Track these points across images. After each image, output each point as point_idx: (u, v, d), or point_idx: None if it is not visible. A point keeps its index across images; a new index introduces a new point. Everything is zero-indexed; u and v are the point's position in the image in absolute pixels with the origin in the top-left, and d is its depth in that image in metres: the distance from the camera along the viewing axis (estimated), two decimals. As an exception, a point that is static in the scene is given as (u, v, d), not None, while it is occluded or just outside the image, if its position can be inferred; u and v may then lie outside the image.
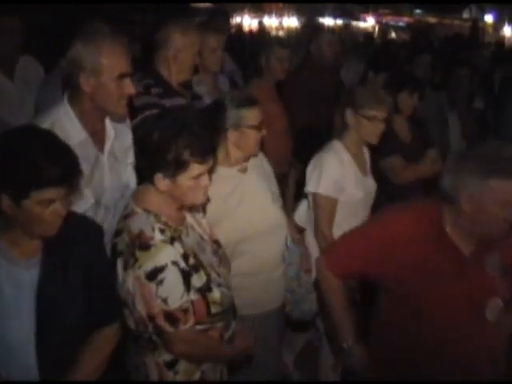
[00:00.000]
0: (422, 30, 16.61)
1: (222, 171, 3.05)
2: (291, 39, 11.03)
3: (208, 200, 2.61)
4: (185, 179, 2.35)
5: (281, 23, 22.53)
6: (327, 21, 22.56)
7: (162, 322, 2.29)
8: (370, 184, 3.78)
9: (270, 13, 22.70)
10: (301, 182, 3.94)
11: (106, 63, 2.67)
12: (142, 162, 2.43)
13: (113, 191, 2.88)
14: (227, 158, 3.10)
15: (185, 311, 2.32)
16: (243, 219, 3.06)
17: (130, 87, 2.77)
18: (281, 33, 19.50)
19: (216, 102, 3.14)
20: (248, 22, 21.89)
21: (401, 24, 24.07)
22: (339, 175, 3.52)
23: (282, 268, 3.27)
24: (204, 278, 2.41)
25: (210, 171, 2.46)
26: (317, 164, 3.58)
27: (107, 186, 2.86)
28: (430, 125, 5.17)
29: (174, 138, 2.30)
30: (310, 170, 3.61)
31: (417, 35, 12.79)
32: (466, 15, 24.23)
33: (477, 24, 17.20)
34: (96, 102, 2.74)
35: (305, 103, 5.11)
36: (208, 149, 2.38)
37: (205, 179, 2.41)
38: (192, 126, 2.34)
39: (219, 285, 2.48)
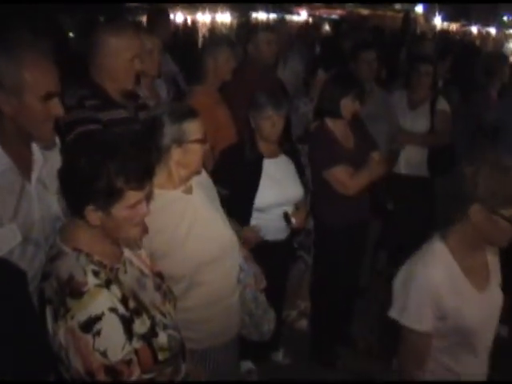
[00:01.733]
0: (358, 23, 16.55)
1: (166, 195, 2.76)
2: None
3: (147, 231, 2.32)
4: (120, 209, 2.06)
5: (214, 20, 22.21)
6: (261, 15, 22.47)
7: (102, 378, 2.00)
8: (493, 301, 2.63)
9: (202, 9, 22.35)
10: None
11: (30, 80, 2.28)
12: (69, 193, 2.12)
13: (43, 224, 2.48)
14: (170, 180, 2.80)
15: (128, 363, 2.03)
16: (196, 247, 2.77)
17: (57, 108, 2.38)
18: (219, 30, 19.18)
19: (152, 118, 2.80)
20: (181, 18, 21.49)
21: (334, 17, 24.05)
22: (435, 298, 2.46)
23: (239, 291, 3.03)
24: (148, 323, 2.13)
25: (148, 197, 2.18)
26: (406, 278, 2.58)
27: (36, 218, 2.46)
28: (377, 125, 5.00)
29: (104, 164, 2.00)
30: (397, 282, 2.65)
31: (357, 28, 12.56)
32: (397, 6, 24.49)
33: (408, 15, 17.24)
34: (18, 125, 2.36)
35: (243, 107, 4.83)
36: (145, 172, 2.10)
37: (142, 207, 2.13)
38: (125, 147, 2.06)
39: (165, 327, 2.21)
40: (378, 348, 4.78)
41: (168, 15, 5.87)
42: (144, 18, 5.92)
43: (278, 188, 3.89)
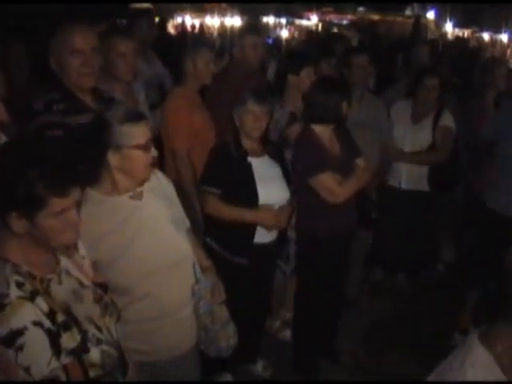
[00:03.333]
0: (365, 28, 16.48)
1: (110, 201, 2.63)
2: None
3: (77, 240, 2.20)
4: (45, 217, 1.94)
5: (223, 23, 22.12)
6: (271, 20, 22.39)
7: None
8: None
9: (212, 12, 22.28)
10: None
11: None
12: None
13: None
14: (114, 186, 2.65)
15: (53, 381, 1.91)
16: (141, 256, 2.62)
17: (0, 113, 2.30)
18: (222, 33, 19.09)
19: (96, 118, 2.65)
20: (190, 22, 21.43)
21: (344, 22, 23.95)
22: None
23: (192, 304, 2.89)
24: (78, 337, 2.00)
25: (78, 204, 2.05)
26: None
27: None
28: (366, 132, 4.88)
29: (23, 170, 1.88)
30: None
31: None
32: (408, 12, 24.35)
33: (419, 21, 17.12)
34: None
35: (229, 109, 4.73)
36: (70, 179, 1.97)
37: (72, 215, 2.01)
38: (46, 152, 1.94)
39: (99, 342, 2.08)
40: (364, 362, 4.69)
41: (150, 17, 5.76)
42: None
43: (265, 188, 3.80)
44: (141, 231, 2.65)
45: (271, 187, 3.86)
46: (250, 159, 3.84)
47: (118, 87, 3.92)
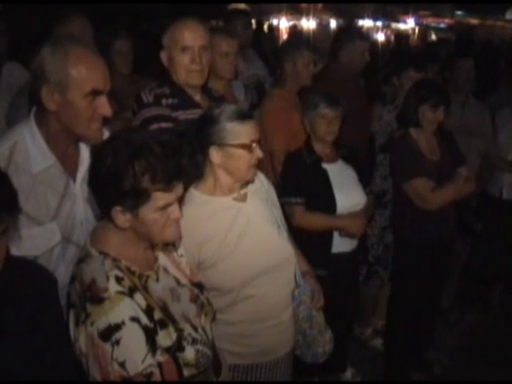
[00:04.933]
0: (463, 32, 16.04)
1: (215, 202, 2.61)
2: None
3: (181, 236, 2.18)
4: (149, 212, 1.94)
5: (319, 25, 22.02)
6: (367, 23, 22.12)
7: None
8: None
9: (307, 14, 22.22)
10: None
11: (75, 76, 2.18)
12: (97, 193, 2.01)
13: (87, 226, 2.38)
14: (218, 186, 2.63)
15: (148, 376, 1.90)
16: (246, 258, 2.58)
17: (105, 107, 2.26)
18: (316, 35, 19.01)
19: (204, 114, 2.65)
20: (284, 24, 21.45)
21: (442, 26, 23.42)
22: None
23: (292, 308, 2.83)
24: (174, 336, 1.99)
25: (180, 201, 2.05)
26: None
27: (79, 219, 2.39)
28: (470, 139, 4.71)
29: (129, 163, 1.88)
30: None
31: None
32: (509, 16, 23.52)
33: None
34: (62, 123, 2.27)
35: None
36: (174, 173, 1.96)
37: (174, 210, 2.00)
38: (151, 145, 1.93)
39: (194, 341, 2.06)
40: (453, 374, 4.54)
41: (247, 17, 5.73)
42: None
43: (341, 194, 3.70)
44: (245, 233, 2.62)
45: (347, 192, 3.75)
46: (325, 165, 3.76)
47: (219, 86, 3.92)
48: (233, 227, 2.61)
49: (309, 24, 21.96)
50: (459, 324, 5.27)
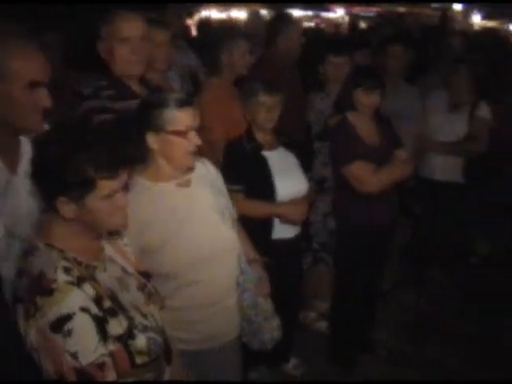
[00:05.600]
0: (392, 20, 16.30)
1: (157, 188, 2.63)
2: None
3: (127, 224, 2.18)
4: (94, 200, 1.94)
5: (251, 15, 22.01)
6: (297, 12, 22.25)
7: (73, 380, 1.86)
8: None
9: (238, 4, 22.20)
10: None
11: (14, 67, 2.17)
12: (40, 184, 1.99)
13: (31, 219, 2.33)
14: (159, 171, 2.65)
15: (100, 366, 1.90)
16: (188, 243, 2.61)
17: (44, 98, 2.25)
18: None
19: (141, 103, 2.67)
20: (216, 15, 21.40)
21: (371, 14, 23.74)
22: None
23: (237, 295, 2.87)
24: (124, 324, 1.99)
25: (125, 188, 2.05)
26: None
27: (23, 213, 2.35)
28: (403, 123, 4.82)
29: (72, 153, 1.88)
30: None
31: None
32: (435, 4, 24.03)
33: (446, 13, 16.89)
34: (1, 116, 2.24)
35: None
36: (118, 161, 1.97)
37: (120, 198, 2.01)
38: (94, 135, 1.94)
39: (145, 329, 2.07)
40: (399, 354, 4.68)
41: (179, 8, 5.73)
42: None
43: (282, 181, 3.72)
44: (188, 219, 2.64)
45: (289, 179, 3.78)
46: (265, 152, 3.78)
47: (155, 76, 3.90)
48: (175, 212, 2.63)
49: (240, 14, 22.01)
50: (401, 304, 5.40)
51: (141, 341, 2.02)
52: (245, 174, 3.68)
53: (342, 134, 4.12)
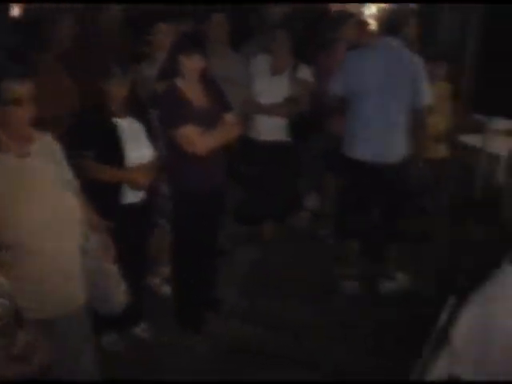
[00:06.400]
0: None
1: None
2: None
3: None
4: None
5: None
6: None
7: None
8: None
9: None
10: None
11: None
12: None
13: None
14: None
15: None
16: (30, 213, 2.63)
17: None
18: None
19: None
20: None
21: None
22: None
23: (81, 261, 2.91)
24: None
25: None
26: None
27: None
28: (231, 88, 4.98)
29: None
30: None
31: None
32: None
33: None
34: None
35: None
36: None
37: None
38: None
39: None
40: (247, 311, 4.91)
41: None
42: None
43: (131, 148, 3.93)
44: (26, 188, 2.66)
45: (137, 147, 3.98)
46: (116, 120, 3.92)
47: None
48: (12, 182, 2.64)
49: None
50: (239, 261, 5.66)
51: None
52: (96, 140, 3.82)
53: (170, 98, 4.24)
